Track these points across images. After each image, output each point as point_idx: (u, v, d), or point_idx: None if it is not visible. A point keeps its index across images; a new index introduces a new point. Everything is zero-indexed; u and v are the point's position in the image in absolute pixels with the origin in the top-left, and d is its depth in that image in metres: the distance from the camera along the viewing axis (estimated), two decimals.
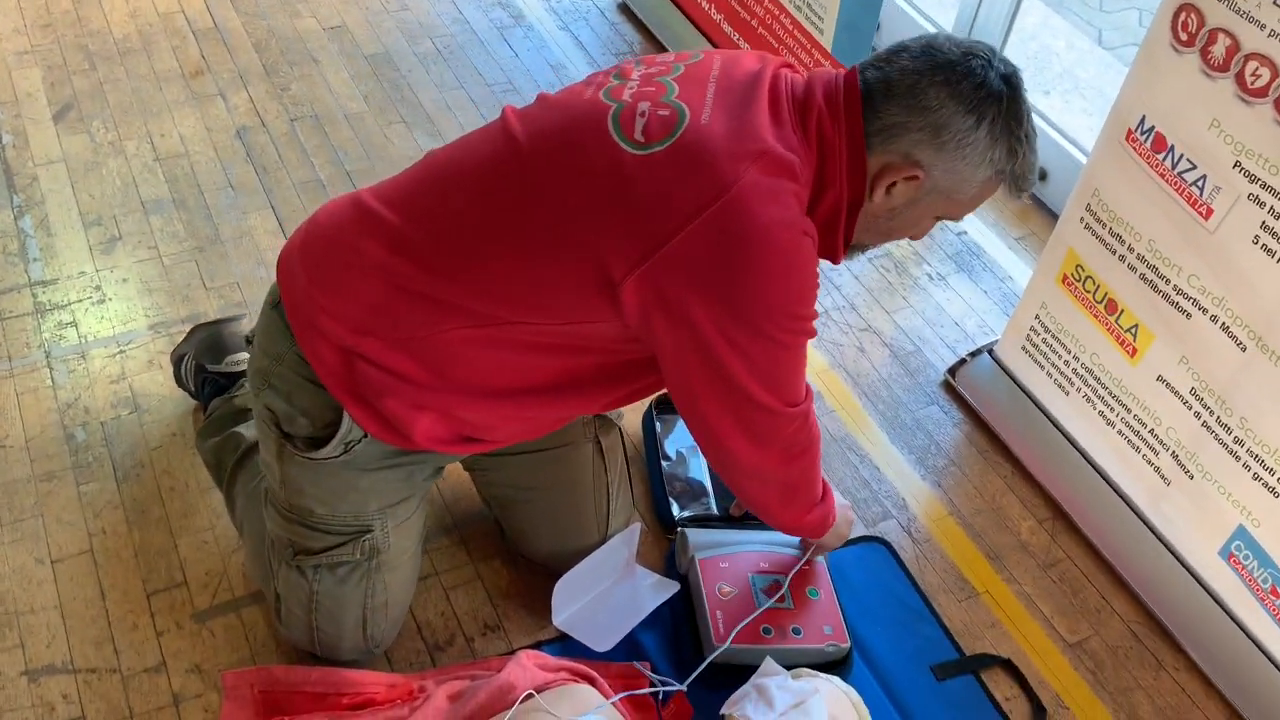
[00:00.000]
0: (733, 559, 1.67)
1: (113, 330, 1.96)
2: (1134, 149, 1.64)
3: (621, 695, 1.47)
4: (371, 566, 1.45)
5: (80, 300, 2.00)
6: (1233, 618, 1.71)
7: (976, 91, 1.21)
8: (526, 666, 1.49)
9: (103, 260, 2.08)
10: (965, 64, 1.22)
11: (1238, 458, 1.61)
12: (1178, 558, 1.78)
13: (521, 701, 1.39)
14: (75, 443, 1.78)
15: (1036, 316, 1.93)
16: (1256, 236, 1.48)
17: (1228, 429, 1.62)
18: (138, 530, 1.68)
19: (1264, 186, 1.45)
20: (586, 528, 1.64)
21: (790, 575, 1.65)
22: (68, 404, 1.83)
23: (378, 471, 1.40)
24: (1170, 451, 1.74)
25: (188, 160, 2.31)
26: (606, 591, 1.68)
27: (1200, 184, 1.55)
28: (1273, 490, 1.57)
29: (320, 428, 1.36)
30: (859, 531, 1.82)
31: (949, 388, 2.09)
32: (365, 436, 1.36)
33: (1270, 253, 1.47)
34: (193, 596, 1.62)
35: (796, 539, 1.70)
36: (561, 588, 1.60)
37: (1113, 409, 1.83)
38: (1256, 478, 1.59)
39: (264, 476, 1.48)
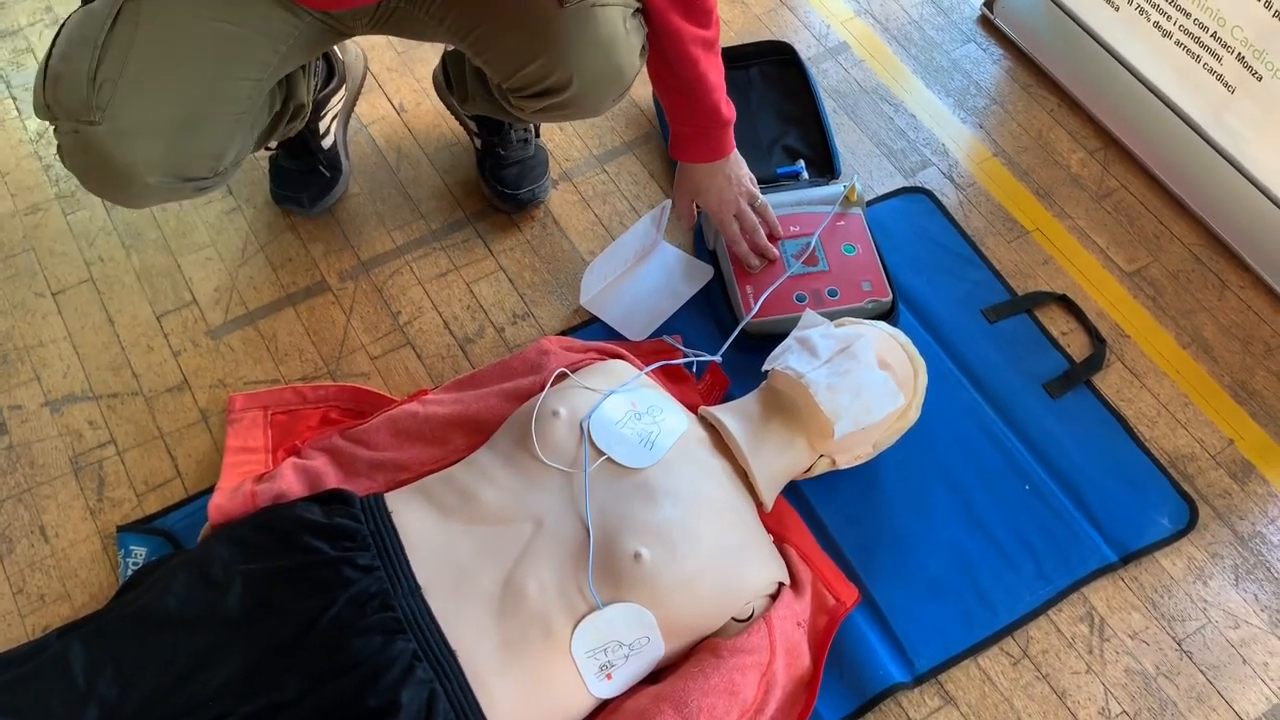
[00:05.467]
0: None
1: None
2: None
3: (655, 366, 1.41)
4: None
5: (33, 24, 1.83)
6: None
7: None
8: (552, 350, 1.43)
9: None
10: None
11: None
12: (1243, 172, 1.65)
13: (553, 383, 1.33)
14: (55, 172, 1.67)
15: None
16: None
17: None
18: (136, 254, 1.59)
19: None
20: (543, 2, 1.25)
21: (817, 233, 1.55)
22: (39, 133, 1.71)
23: None
24: (1236, 54, 1.58)
25: None
26: (635, 272, 1.59)
27: None
28: None
29: None
30: (897, 184, 1.70)
31: (986, 22, 1.90)
32: None
33: None
34: (204, 314, 1.54)
35: (832, 194, 1.59)
36: (590, 271, 1.51)
37: (1169, 17, 1.65)
38: None
39: None
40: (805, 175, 1.66)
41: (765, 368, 1.35)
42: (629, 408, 1.29)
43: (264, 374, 1.49)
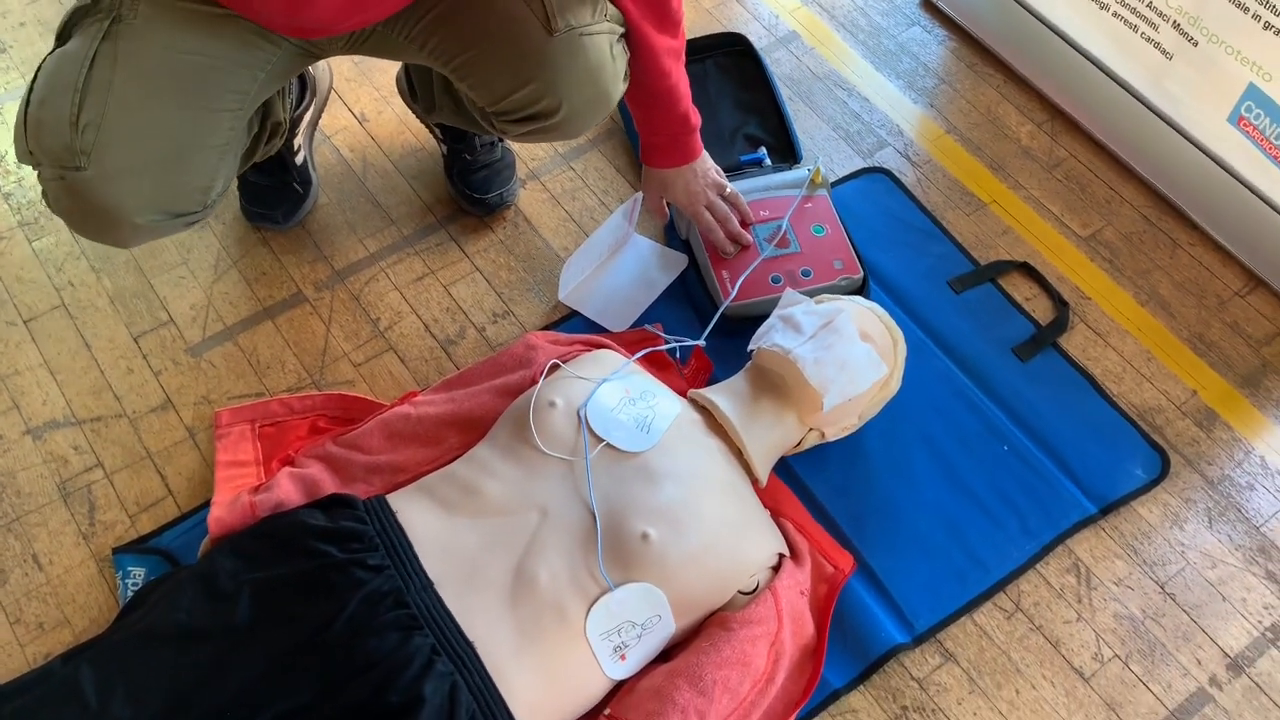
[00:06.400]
0: None
1: (23, 78, 1.78)
2: None
3: (643, 353, 1.43)
4: (105, 32, 1.17)
5: None
6: (1244, 183, 1.67)
7: None
8: (539, 344, 1.44)
9: None
10: None
11: (1245, 9, 1.52)
12: (1185, 135, 1.72)
13: (546, 374, 1.35)
14: (15, 200, 1.65)
15: None
16: None
17: None
18: (106, 277, 1.58)
19: None
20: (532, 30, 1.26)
21: (787, 216, 1.59)
22: None
23: None
24: (1171, 22, 1.65)
25: None
26: (610, 265, 1.61)
27: None
28: None
29: None
30: (856, 165, 1.75)
31: (929, 5, 1.96)
32: None
33: None
34: (182, 332, 1.54)
35: (797, 178, 1.63)
36: (567, 267, 1.53)
37: None
38: (1268, 26, 1.51)
39: None
40: (768, 161, 1.70)
41: (751, 347, 1.38)
42: (623, 394, 1.31)
43: (248, 388, 1.49)
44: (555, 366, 1.37)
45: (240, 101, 1.25)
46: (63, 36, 1.22)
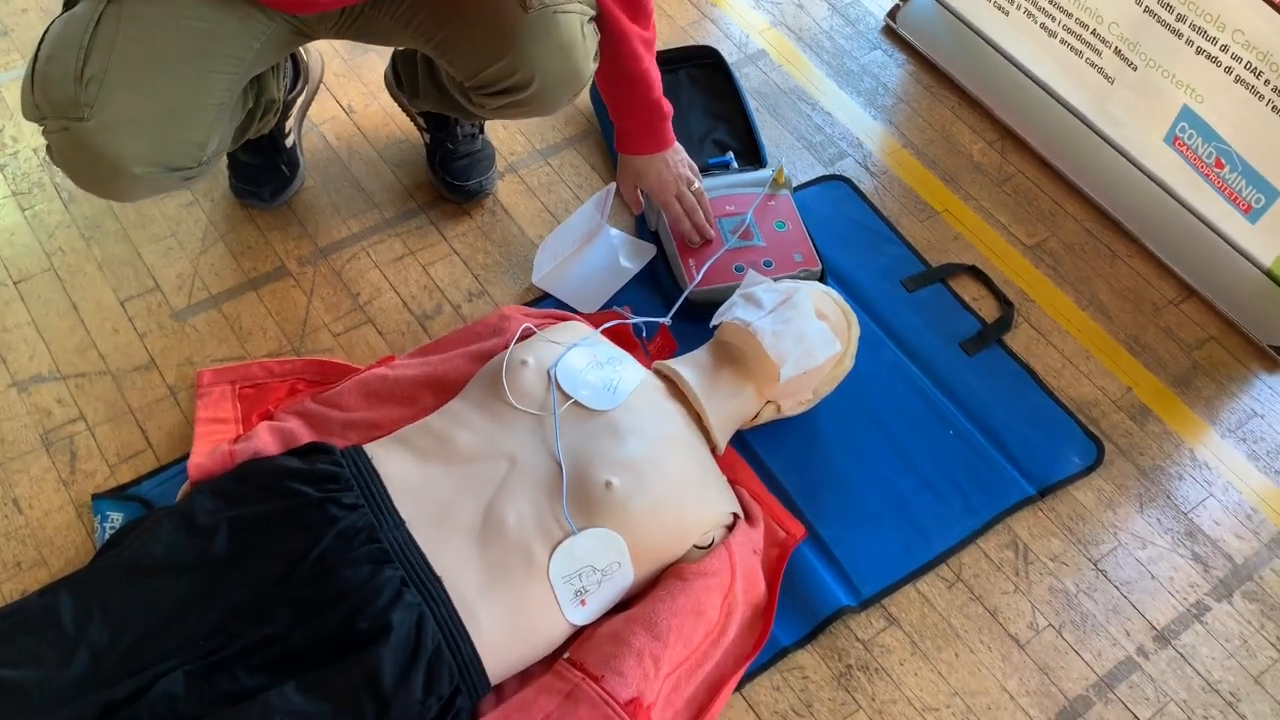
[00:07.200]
0: None
1: (24, 60, 1.85)
2: None
3: (607, 325, 1.51)
4: None
5: None
6: (1179, 201, 1.79)
7: None
8: (513, 315, 1.52)
9: None
10: None
11: (1179, 35, 1.65)
12: (1124, 154, 1.84)
13: (518, 340, 1.42)
14: (9, 171, 1.71)
15: None
16: None
17: (1169, 7, 1.64)
18: (96, 245, 1.64)
19: None
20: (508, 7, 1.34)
21: (751, 210, 1.68)
22: None
23: None
24: (1113, 48, 1.77)
25: None
26: (582, 253, 1.69)
27: None
28: (1215, 60, 1.61)
29: None
30: (818, 173, 1.85)
31: (890, 31, 2.08)
32: None
33: None
34: (168, 298, 1.59)
35: (762, 178, 1.73)
36: (541, 251, 1.61)
37: (1054, 18, 1.84)
38: (1200, 51, 1.63)
39: None
40: (735, 165, 1.80)
41: (713, 323, 1.46)
42: (591, 358, 1.38)
43: (229, 352, 1.55)
44: (529, 331, 1.44)
45: (235, 66, 1.33)
46: (70, 2, 1.30)
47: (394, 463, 1.29)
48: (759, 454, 1.51)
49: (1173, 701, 1.37)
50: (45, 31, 1.27)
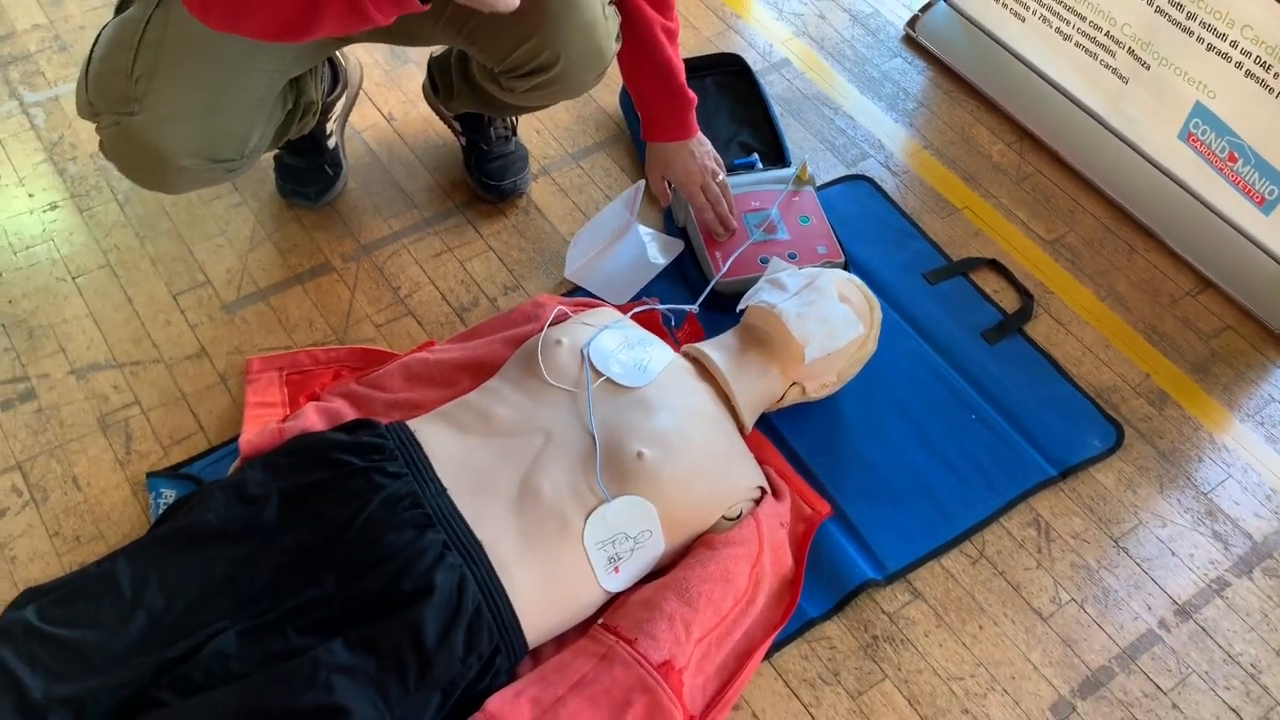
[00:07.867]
0: None
1: None
2: None
3: (636, 310, 1.57)
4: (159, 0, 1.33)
5: (41, 50, 1.98)
6: (1194, 195, 1.83)
7: None
8: (546, 303, 1.58)
9: (54, 11, 2.04)
10: None
11: (1190, 33, 1.70)
12: (1140, 152, 1.88)
13: (552, 323, 1.48)
14: (69, 175, 1.79)
15: None
16: None
17: (1179, 6, 1.70)
18: (150, 243, 1.72)
19: None
20: None
21: (776, 204, 1.74)
22: (53, 143, 1.84)
23: None
24: (1126, 48, 1.82)
25: None
26: (613, 249, 1.75)
27: None
28: (1225, 56, 1.66)
29: None
30: (841, 173, 1.91)
31: (910, 40, 2.14)
32: None
33: None
34: (218, 292, 1.67)
35: (786, 175, 1.79)
36: (572, 246, 1.67)
37: (1068, 21, 1.90)
38: (1210, 48, 1.68)
39: None
40: (760, 166, 1.86)
41: (740, 307, 1.52)
42: (622, 339, 1.44)
43: (277, 341, 1.62)
44: (563, 314, 1.50)
45: (277, 64, 1.41)
46: (121, 7, 1.39)
47: (435, 436, 1.35)
48: (785, 436, 1.55)
49: (1195, 673, 1.39)
50: (99, 34, 1.36)
